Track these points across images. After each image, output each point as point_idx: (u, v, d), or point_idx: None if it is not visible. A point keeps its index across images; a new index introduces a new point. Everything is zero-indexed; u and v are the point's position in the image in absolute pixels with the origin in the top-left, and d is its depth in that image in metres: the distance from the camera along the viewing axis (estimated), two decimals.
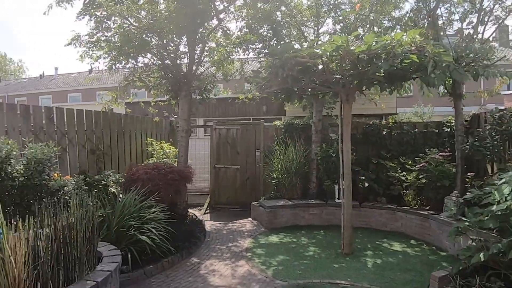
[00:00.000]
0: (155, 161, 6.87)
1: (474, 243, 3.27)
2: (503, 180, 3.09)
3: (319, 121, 7.38)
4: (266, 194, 7.38)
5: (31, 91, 30.51)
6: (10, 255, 2.28)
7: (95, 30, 5.16)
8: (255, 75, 4.86)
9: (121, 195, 5.01)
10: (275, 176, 7.25)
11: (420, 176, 5.98)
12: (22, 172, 3.49)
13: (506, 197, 2.89)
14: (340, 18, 6.80)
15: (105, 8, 4.59)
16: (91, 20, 5.03)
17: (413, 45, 3.66)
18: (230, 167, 8.28)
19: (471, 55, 4.70)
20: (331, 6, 6.88)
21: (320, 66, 3.95)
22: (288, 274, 4.14)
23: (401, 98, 11.20)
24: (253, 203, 7.07)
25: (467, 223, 3.30)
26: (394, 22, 6.32)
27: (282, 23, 6.57)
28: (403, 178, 6.31)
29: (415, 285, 3.81)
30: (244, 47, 7.20)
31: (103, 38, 5.27)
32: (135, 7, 4.99)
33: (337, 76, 4.23)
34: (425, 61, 3.62)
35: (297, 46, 5.44)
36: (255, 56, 7.84)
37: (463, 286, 3.04)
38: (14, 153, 3.49)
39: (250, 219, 6.95)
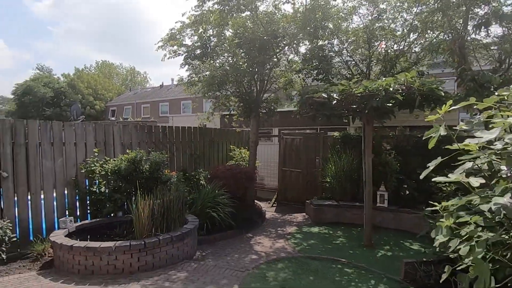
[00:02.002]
0: (234, 163, 9.14)
1: None
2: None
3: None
4: (321, 195, 8.87)
5: (153, 99, 37.33)
6: (141, 212, 4.64)
7: (193, 74, 7.68)
8: (291, 102, 6.52)
9: (207, 186, 7.35)
10: (328, 180, 8.69)
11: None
12: (147, 169, 6.00)
13: None
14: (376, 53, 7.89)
15: (197, 62, 6.97)
16: (189, 69, 7.58)
17: (404, 85, 4.86)
18: (294, 170, 9.99)
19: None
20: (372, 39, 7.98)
21: (334, 102, 5.41)
22: (309, 251, 5.73)
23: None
24: (307, 201, 8.66)
25: None
26: (426, 50, 7.09)
27: (330, 56, 8.01)
28: (444, 188, 7.05)
29: None
30: (305, 72, 8.87)
31: (197, 79, 7.73)
32: (219, 62, 7.34)
33: (353, 106, 5.61)
34: (414, 96, 4.80)
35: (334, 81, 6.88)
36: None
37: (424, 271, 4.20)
38: (144, 157, 6.03)
39: (304, 214, 8.57)
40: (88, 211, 6.17)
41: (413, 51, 7.76)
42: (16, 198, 5.28)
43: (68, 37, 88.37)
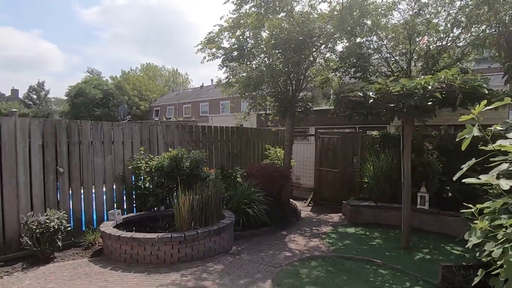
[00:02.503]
0: (269, 162, 9.28)
1: None
2: None
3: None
4: (359, 195, 8.72)
5: (194, 99, 38.62)
6: (182, 206, 4.94)
7: (230, 76, 7.94)
8: (327, 101, 6.49)
9: (243, 183, 7.58)
10: (366, 180, 8.53)
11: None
12: (188, 166, 6.33)
13: None
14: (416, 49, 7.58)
15: (234, 64, 7.19)
16: (227, 71, 7.84)
17: (444, 83, 4.69)
18: (331, 170, 9.90)
19: None
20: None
21: (371, 101, 5.33)
22: (344, 251, 5.71)
23: None
24: (343, 201, 8.56)
25: None
26: (471, 46, 6.71)
27: (368, 53, 7.84)
28: (490, 191, 6.65)
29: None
30: (342, 70, 8.78)
31: (234, 80, 7.97)
32: (255, 63, 7.52)
33: (391, 105, 5.49)
34: (455, 94, 4.61)
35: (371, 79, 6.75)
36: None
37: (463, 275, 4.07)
38: (184, 155, 6.37)
39: (340, 214, 8.49)
40: (134, 205, 6.64)
41: (457, 45, 7.37)
42: (70, 192, 5.84)
43: (114, 41, 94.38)
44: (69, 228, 5.33)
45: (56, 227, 4.90)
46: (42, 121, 5.58)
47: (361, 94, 5.14)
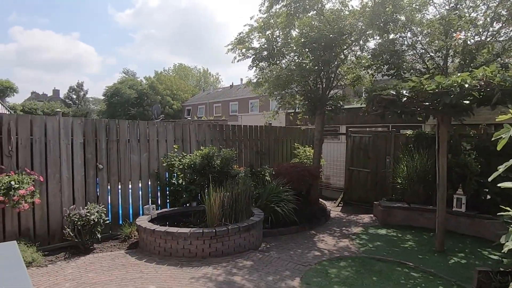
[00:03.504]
0: (298, 161, 9.28)
1: None
2: None
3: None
4: (391, 196, 8.50)
5: (224, 98, 39.18)
6: (213, 203, 5.09)
7: (260, 75, 8.03)
8: (359, 99, 6.38)
9: (272, 182, 7.66)
10: (399, 181, 8.30)
11: None
12: (218, 164, 6.49)
13: None
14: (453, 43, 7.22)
15: (264, 64, 7.28)
16: (257, 70, 7.94)
17: (482, 81, 4.48)
18: (362, 170, 9.72)
19: None
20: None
21: (404, 99, 5.18)
22: (375, 253, 5.61)
23: None
24: (375, 202, 8.38)
25: None
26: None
27: (402, 50, 7.60)
28: None
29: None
30: (374, 68, 8.59)
31: (264, 80, 8.05)
32: (284, 62, 7.56)
33: (426, 103, 5.32)
34: (494, 93, 4.39)
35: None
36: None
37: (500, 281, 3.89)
38: (215, 154, 6.54)
39: (371, 215, 8.32)
40: (167, 201, 6.92)
41: (497, 40, 6.97)
42: (109, 187, 6.19)
43: (146, 42, 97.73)
44: (108, 222, 5.66)
45: (96, 220, 5.23)
46: (83, 120, 5.96)
47: (394, 93, 5.02)
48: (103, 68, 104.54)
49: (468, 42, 7.33)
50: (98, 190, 6.05)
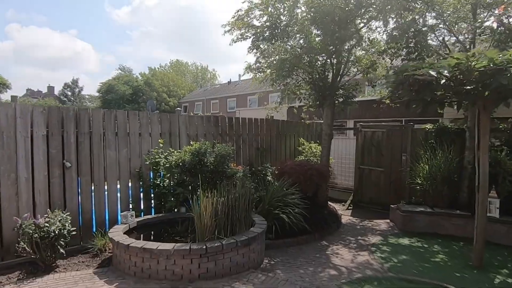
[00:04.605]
0: (303, 158, 8.23)
1: None
2: None
3: (475, 126, 6.87)
4: (409, 199, 7.48)
5: (222, 94, 38.05)
6: (203, 211, 4.02)
7: (260, 59, 6.92)
8: (387, 81, 5.31)
9: (274, 182, 6.61)
10: (419, 182, 7.28)
11: None
12: (212, 162, 5.43)
13: None
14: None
15: (266, 46, 6.21)
16: (257, 52, 6.82)
17: None
18: (374, 169, 8.68)
19: None
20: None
21: (443, 81, 4.14)
22: (403, 271, 4.57)
23: None
24: (392, 206, 7.34)
25: None
26: None
27: (424, 30, 6.55)
28: None
29: None
30: (390, 53, 7.55)
31: (265, 65, 6.96)
32: (290, 44, 6.48)
33: (468, 87, 4.28)
34: None
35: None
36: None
37: None
38: (208, 149, 5.47)
39: (388, 220, 7.29)
40: (152, 205, 5.86)
41: None
42: (79, 189, 5.12)
43: (145, 40, 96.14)
44: (74, 232, 4.57)
45: (57, 232, 4.16)
46: (46, 108, 4.88)
47: (433, 72, 3.96)
48: (101, 66, 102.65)
49: (500, 24, 6.31)
50: (65, 193, 4.97)
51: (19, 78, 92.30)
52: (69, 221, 4.39)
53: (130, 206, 5.63)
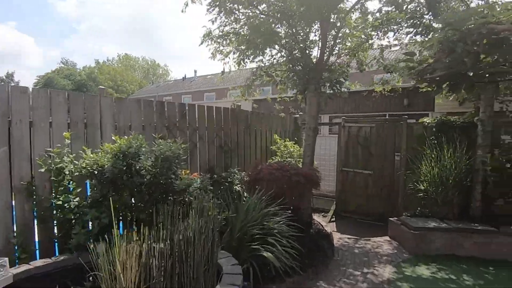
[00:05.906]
0: (279, 160, 6.44)
1: None
2: None
3: (489, 119, 5.57)
4: (409, 209, 6.01)
5: (176, 91, 35.36)
6: (120, 272, 1.98)
7: (225, 24, 4.97)
8: (409, 58, 3.71)
9: (245, 194, 4.72)
10: (422, 187, 5.85)
11: None
12: (150, 168, 3.38)
13: None
14: None
15: (231, 4, 4.30)
16: (221, 12, 4.84)
17: None
18: (361, 172, 7.17)
19: None
20: None
21: None
22: None
23: None
24: (391, 219, 5.81)
25: None
26: None
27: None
28: None
29: None
30: (385, 29, 6.06)
31: (232, 31, 5.03)
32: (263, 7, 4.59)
33: None
34: None
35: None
36: (399, 40, 6.55)
37: None
38: (143, 148, 3.41)
39: (387, 237, 5.74)
40: (54, 238, 3.64)
41: None
42: None
43: (93, 34, 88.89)
44: None
45: None
46: None
47: None
48: (44, 61, 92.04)
49: None
50: None
51: None
52: None
53: (15, 242, 3.38)
